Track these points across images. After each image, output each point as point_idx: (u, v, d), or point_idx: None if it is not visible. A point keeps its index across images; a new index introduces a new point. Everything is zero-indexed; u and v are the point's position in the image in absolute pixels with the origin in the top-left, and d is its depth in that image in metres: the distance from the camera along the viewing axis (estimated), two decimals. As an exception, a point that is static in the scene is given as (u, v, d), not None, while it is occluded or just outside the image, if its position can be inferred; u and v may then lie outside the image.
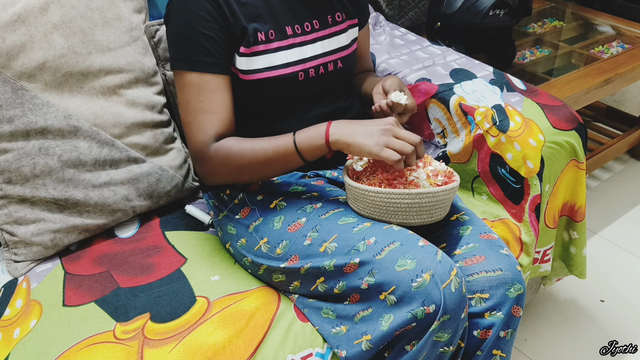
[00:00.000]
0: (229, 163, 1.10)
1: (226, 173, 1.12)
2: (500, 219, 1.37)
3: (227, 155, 1.10)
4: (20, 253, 1.20)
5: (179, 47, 1.11)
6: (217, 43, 1.10)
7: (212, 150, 1.11)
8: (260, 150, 1.08)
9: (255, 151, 1.08)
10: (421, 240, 1.02)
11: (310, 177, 1.23)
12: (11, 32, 1.14)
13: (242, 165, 1.10)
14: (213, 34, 1.09)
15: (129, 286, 1.13)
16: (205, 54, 1.10)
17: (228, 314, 1.06)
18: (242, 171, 1.11)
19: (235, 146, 1.10)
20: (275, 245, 1.10)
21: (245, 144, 1.09)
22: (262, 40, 1.13)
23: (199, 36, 1.09)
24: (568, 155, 1.39)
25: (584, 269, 1.58)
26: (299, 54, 1.17)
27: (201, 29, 1.09)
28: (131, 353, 1.00)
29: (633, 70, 1.90)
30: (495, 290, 1.07)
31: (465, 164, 1.42)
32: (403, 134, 1.02)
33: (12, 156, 1.15)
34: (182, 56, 1.11)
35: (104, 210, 1.24)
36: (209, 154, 1.11)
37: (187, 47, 1.10)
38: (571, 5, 2.34)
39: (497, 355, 1.08)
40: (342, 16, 1.24)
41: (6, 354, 1.02)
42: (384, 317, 0.98)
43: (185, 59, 1.10)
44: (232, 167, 1.11)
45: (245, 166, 1.10)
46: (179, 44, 1.11)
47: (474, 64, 1.60)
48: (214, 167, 1.12)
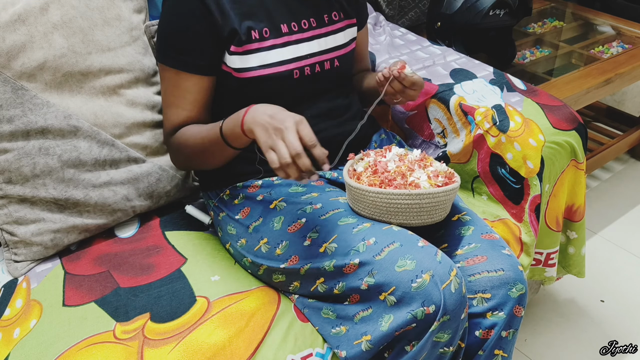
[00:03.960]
0: (181, 150, 1.18)
1: (181, 160, 1.21)
2: (500, 219, 1.37)
3: (179, 143, 1.17)
4: (20, 253, 1.20)
5: (163, 42, 1.16)
6: (196, 44, 1.12)
7: (171, 140, 1.20)
8: (199, 139, 1.13)
9: (196, 139, 1.14)
10: (421, 241, 1.02)
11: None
12: (11, 32, 1.14)
13: (188, 153, 1.17)
14: (193, 35, 1.12)
15: (129, 286, 1.13)
16: (182, 53, 1.13)
17: (228, 314, 1.06)
18: (191, 158, 1.18)
19: (184, 135, 1.16)
20: (275, 245, 1.10)
21: (189, 132, 1.15)
22: (255, 39, 1.13)
23: (180, 35, 1.12)
24: (568, 156, 1.39)
25: (582, 268, 1.58)
26: (294, 52, 1.17)
27: (183, 29, 1.12)
28: (131, 353, 1.00)
29: (633, 70, 1.90)
30: (497, 290, 1.07)
31: (465, 164, 1.42)
32: (289, 138, 0.92)
33: (12, 156, 1.15)
34: (163, 51, 1.16)
35: (104, 210, 1.24)
36: (169, 142, 1.21)
37: (168, 42, 1.14)
38: (571, 5, 2.35)
39: (498, 355, 1.08)
40: (340, 15, 1.24)
41: (6, 354, 1.02)
42: (384, 317, 0.98)
43: (165, 54, 1.15)
44: (183, 155, 1.18)
45: (190, 154, 1.16)
46: (163, 38, 1.15)
47: (474, 64, 1.60)
48: (172, 153, 1.23)
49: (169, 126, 1.19)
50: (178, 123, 1.17)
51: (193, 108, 1.17)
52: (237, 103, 1.18)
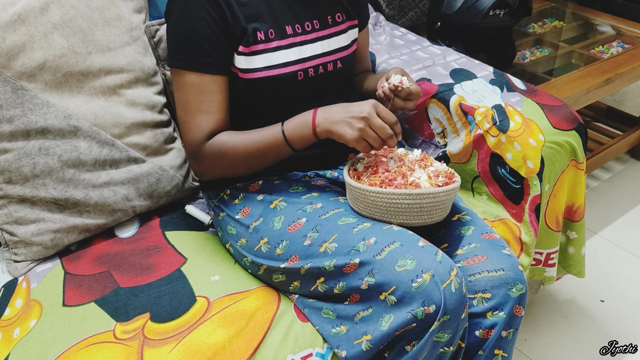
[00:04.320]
0: (224, 158, 1.13)
1: (221, 168, 1.16)
2: (500, 219, 1.37)
3: (220, 151, 1.13)
4: (20, 253, 1.20)
5: (178, 46, 1.12)
6: (215, 44, 1.10)
7: (206, 147, 1.14)
8: (252, 144, 1.11)
9: (247, 145, 1.11)
10: (421, 241, 1.02)
11: (311, 177, 1.23)
12: (11, 32, 1.14)
13: (236, 160, 1.13)
14: (212, 35, 1.10)
15: (129, 286, 1.13)
16: (203, 55, 1.10)
17: (228, 314, 1.06)
18: (236, 165, 1.14)
19: (228, 142, 1.12)
20: (275, 245, 1.10)
21: (237, 138, 1.12)
22: (261, 40, 1.13)
23: (198, 37, 1.10)
24: (568, 156, 1.39)
25: (582, 268, 1.58)
26: (298, 54, 1.17)
27: (200, 30, 1.09)
28: (131, 353, 1.00)
29: (633, 70, 1.90)
30: (497, 290, 1.07)
31: (465, 164, 1.42)
32: (377, 123, 1.02)
33: (12, 156, 1.15)
34: (180, 55, 1.12)
35: (104, 210, 1.24)
36: (204, 151, 1.14)
37: (185, 47, 1.11)
38: (571, 5, 2.35)
39: (499, 355, 1.08)
40: (343, 17, 1.24)
41: (6, 354, 1.02)
42: (384, 317, 0.98)
43: (184, 58, 1.11)
44: (227, 162, 1.14)
45: (239, 160, 1.13)
46: (177, 42, 1.12)
47: (474, 64, 1.60)
48: (210, 163, 1.15)
49: (201, 135, 1.13)
50: (211, 129, 1.13)
51: (221, 111, 1.14)
52: (242, 104, 1.18)
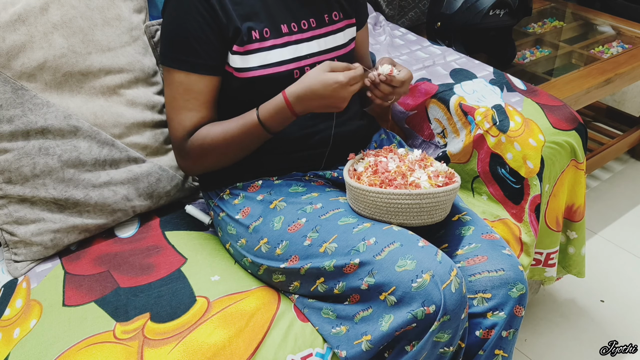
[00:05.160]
0: (207, 151, 1.15)
1: (206, 161, 1.18)
2: (500, 219, 1.37)
3: (203, 145, 1.14)
4: (20, 253, 1.20)
5: (169, 45, 1.14)
6: (206, 44, 1.11)
7: (189, 143, 1.15)
8: (230, 134, 1.12)
9: (226, 135, 1.12)
10: (421, 241, 1.02)
11: (310, 178, 1.22)
12: (11, 32, 1.14)
13: (219, 151, 1.15)
14: (203, 36, 1.11)
15: (129, 286, 1.13)
16: (193, 55, 1.12)
17: (228, 314, 1.06)
18: (220, 156, 1.16)
19: (208, 135, 1.14)
20: (275, 245, 1.10)
21: (216, 130, 1.14)
22: (256, 39, 1.13)
23: (189, 37, 1.11)
24: (568, 156, 1.39)
25: (582, 268, 1.58)
26: (294, 52, 1.17)
27: (191, 30, 1.10)
28: (131, 353, 1.00)
29: (633, 70, 1.90)
30: (497, 290, 1.07)
31: (465, 164, 1.42)
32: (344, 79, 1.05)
33: (12, 156, 1.15)
34: (171, 54, 1.13)
35: (104, 210, 1.24)
36: (187, 147, 1.16)
37: (176, 45, 1.12)
38: (571, 5, 2.35)
39: (499, 355, 1.08)
40: (339, 15, 1.24)
41: (6, 354, 1.02)
42: (384, 317, 0.98)
43: (174, 57, 1.13)
44: (210, 155, 1.16)
45: (222, 151, 1.15)
46: (169, 41, 1.14)
47: (474, 64, 1.60)
48: (195, 158, 1.17)
49: (183, 131, 1.15)
50: (192, 126, 1.15)
51: (205, 109, 1.15)
52: (238, 102, 1.18)
